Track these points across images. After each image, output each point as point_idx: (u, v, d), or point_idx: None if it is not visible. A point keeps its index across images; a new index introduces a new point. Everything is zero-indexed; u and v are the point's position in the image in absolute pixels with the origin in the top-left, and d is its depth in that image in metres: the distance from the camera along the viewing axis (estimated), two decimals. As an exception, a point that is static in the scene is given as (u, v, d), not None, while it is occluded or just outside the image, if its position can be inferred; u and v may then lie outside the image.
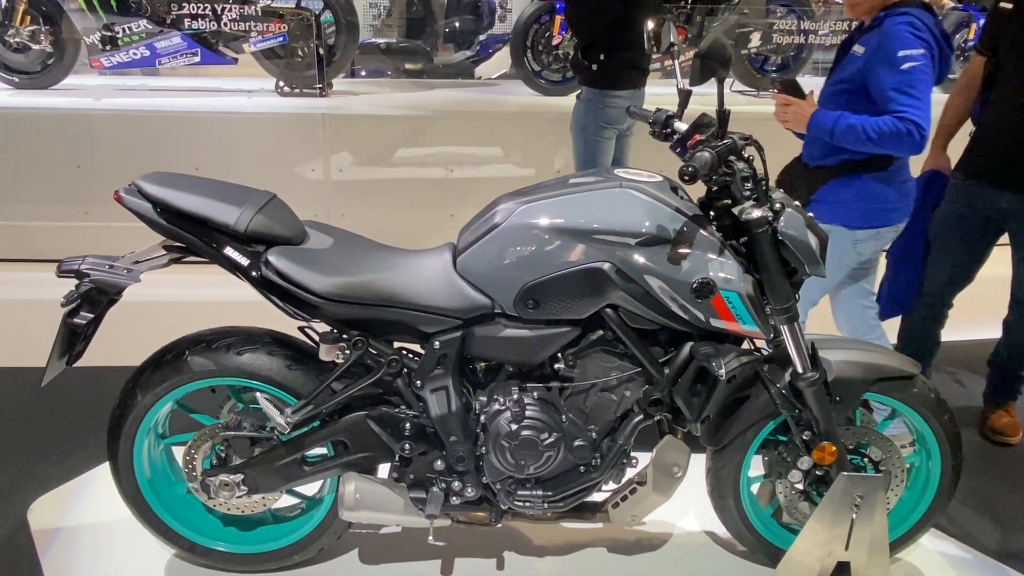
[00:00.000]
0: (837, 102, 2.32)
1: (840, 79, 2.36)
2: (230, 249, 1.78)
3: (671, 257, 1.72)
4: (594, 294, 1.75)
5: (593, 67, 3.48)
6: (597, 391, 1.87)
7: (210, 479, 1.92)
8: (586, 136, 3.62)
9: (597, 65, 3.48)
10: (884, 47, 2.19)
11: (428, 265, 1.85)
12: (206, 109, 4.55)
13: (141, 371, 1.92)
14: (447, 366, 1.84)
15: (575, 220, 1.74)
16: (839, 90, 2.35)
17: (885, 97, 2.18)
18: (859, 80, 2.27)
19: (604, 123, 3.58)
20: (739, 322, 1.76)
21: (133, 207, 1.80)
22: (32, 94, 4.69)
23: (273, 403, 1.84)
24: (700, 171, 1.57)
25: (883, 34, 2.22)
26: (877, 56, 2.21)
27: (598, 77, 3.52)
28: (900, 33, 2.18)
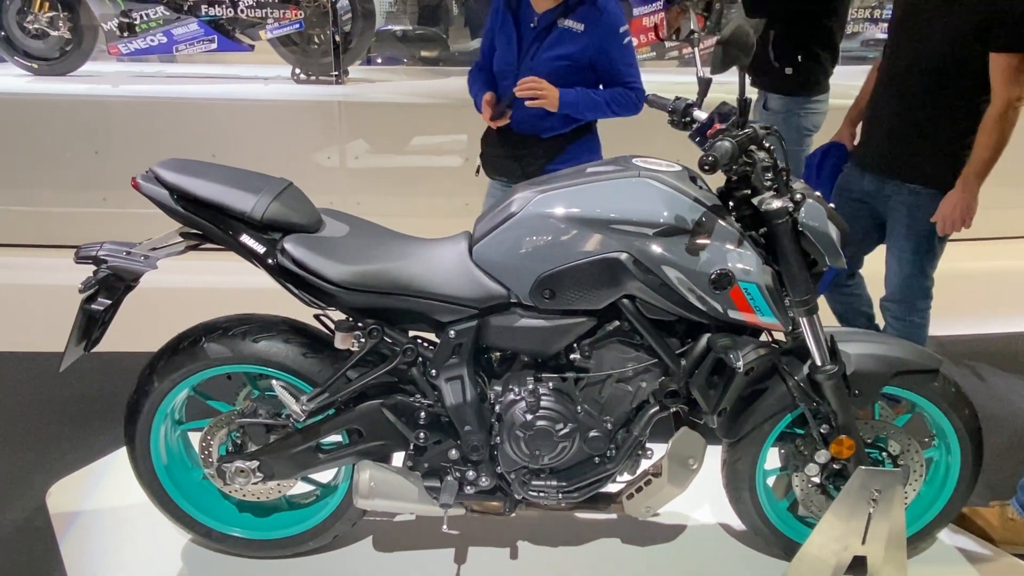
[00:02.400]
0: (561, 76, 2.43)
1: (562, 55, 2.43)
2: (246, 237, 1.78)
3: (689, 248, 1.70)
4: (611, 284, 1.74)
5: (787, 71, 3.07)
6: (613, 382, 1.86)
7: (226, 465, 1.93)
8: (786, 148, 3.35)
9: (793, 68, 3.07)
10: (607, 24, 2.40)
11: (444, 254, 1.84)
12: (223, 96, 4.55)
13: (158, 357, 1.93)
14: (462, 355, 1.84)
15: (592, 210, 1.73)
16: (563, 66, 2.44)
17: (617, 70, 2.45)
18: (586, 55, 2.42)
19: (807, 130, 3.24)
20: (757, 314, 1.74)
21: (150, 194, 1.80)
22: (51, 81, 4.71)
23: (288, 391, 1.84)
24: (720, 160, 1.55)
25: (601, 10, 2.40)
26: (602, 32, 2.40)
27: (795, 82, 3.14)
28: (616, 9, 2.42)
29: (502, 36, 2.53)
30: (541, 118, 2.48)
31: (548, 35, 2.45)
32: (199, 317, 1.99)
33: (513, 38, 2.50)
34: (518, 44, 2.49)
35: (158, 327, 2.12)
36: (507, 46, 2.51)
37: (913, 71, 2.40)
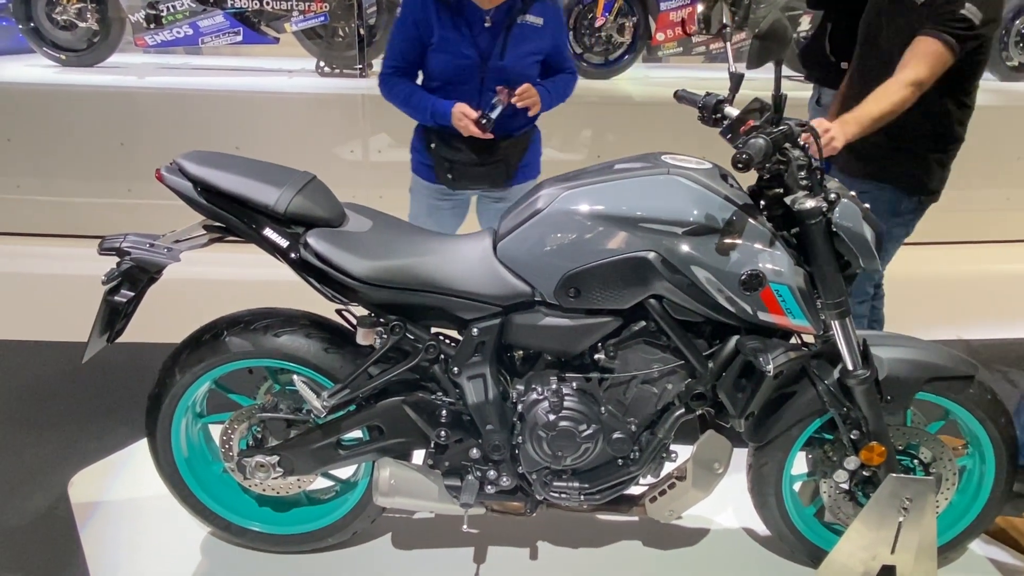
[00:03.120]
0: (530, 72, 2.48)
1: (531, 51, 2.46)
2: (269, 230, 1.76)
3: (719, 248, 1.66)
4: (638, 284, 1.70)
5: (843, 65, 2.83)
6: (638, 383, 1.82)
7: (246, 460, 1.92)
8: None
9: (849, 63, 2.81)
10: (558, 15, 2.50)
11: (468, 250, 1.82)
12: (247, 88, 4.56)
13: (179, 350, 1.93)
14: (485, 354, 1.81)
15: (620, 207, 1.69)
16: (532, 62, 2.48)
17: (563, 58, 2.55)
18: (546, 49, 2.49)
19: None
20: (788, 316, 1.70)
21: (173, 186, 1.79)
22: (78, 72, 4.74)
23: (310, 386, 1.83)
24: (754, 158, 1.50)
25: (552, 3, 2.48)
26: (556, 25, 2.50)
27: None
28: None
29: (448, 38, 2.37)
30: (510, 117, 2.44)
31: (510, 33, 2.40)
32: (222, 309, 1.98)
33: (467, 39, 2.38)
34: (475, 45, 2.39)
35: (182, 318, 2.12)
36: (460, 48, 2.38)
37: (871, 72, 2.34)
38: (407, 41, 2.42)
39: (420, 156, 2.57)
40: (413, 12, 2.39)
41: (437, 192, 2.59)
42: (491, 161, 2.52)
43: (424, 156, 2.54)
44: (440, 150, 2.50)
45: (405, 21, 2.41)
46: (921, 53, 2.15)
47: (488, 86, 2.42)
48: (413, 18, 2.39)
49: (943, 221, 4.38)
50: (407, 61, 2.45)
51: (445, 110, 2.40)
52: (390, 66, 2.46)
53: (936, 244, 4.44)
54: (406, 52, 2.44)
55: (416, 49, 2.42)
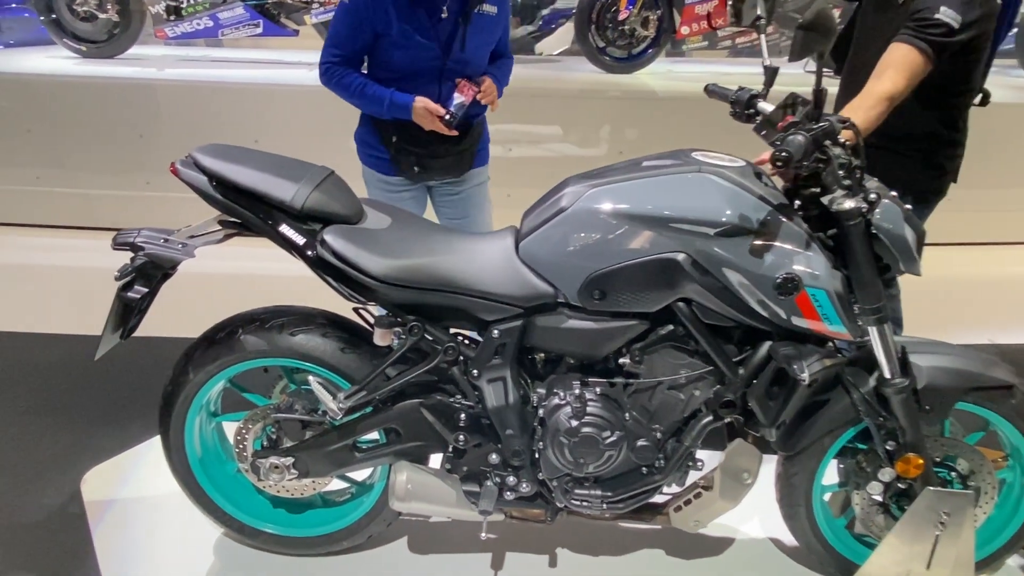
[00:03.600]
0: (486, 61, 2.48)
1: (488, 41, 2.45)
2: (285, 227, 1.71)
3: (753, 250, 1.58)
4: (666, 287, 1.63)
5: None
6: (664, 389, 1.75)
7: (260, 461, 1.87)
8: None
9: None
10: (507, 2, 2.46)
11: (489, 250, 1.76)
12: (266, 81, 4.53)
13: (193, 348, 1.89)
14: (505, 356, 1.75)
15: (648, 206, 1.62)
16: (488, 51, 2.48)
17: (506, 44, 2.55)
18: (499, 36, 2.49)
19: None
20: (824, 322, 1.63)
21: (188, 180, 1.75)
22: (98, 63, 4.73)
23: (325, 387, 1.78)
24: (794, 156, 1.43)
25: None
26: (505, 12, 2.47)
27: None
28: None
29: (407, 29, 2.27)
30: (469, 107, 2.40)
31: (468, 23, 2.33)
32: (240, 303, 1.94)
33: (427, 30, 2.29)
34: (435, 38, 2.31)
35: (202, 313, 2.07)
36: (420, 41, 2.29)
37: (857, 74, 2.22)
38: (356, 29, 2.28)
39: (373, 150, 2.48)
40: (365, 2, 2.25)
41: (396, 184, 2.52)
42: (456, 151, 2.49)
43: (379, 150, 2.45)
44: (402, 144, 2.43)
45: (355, 8, 2.26)
46: (895, 62, 2.03)
47: (448, 78, 2.36)
48: (367, 7, 2.25)
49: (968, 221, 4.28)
50: (354, 51, 2.33)
51: (406, 104, 2.31)
52: (335, 55, 2.31)
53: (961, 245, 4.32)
54: (354, 41, 2.30)
55: (366, 39, 2.29)
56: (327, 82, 2.37)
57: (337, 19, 2.34)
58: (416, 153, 2.43)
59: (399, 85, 2.33)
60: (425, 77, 2.34)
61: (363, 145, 2.51)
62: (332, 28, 2.35)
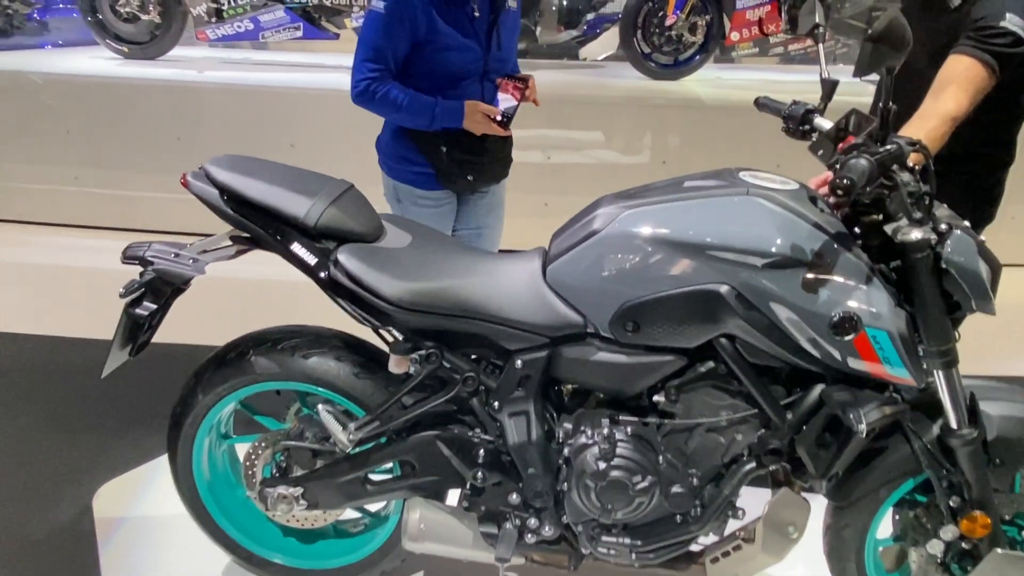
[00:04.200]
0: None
1: (515, 35, 2.38)
2: (298, 245, 1.61)
3: (806, 284, 1.42)
4: (707, 321, 1.48)
5: None
6: (702, 431, 1.60)
7: (268, 490, 1.77)
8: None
9: None
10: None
11: (514, 273, 1.63)
12: (304, 85, 4.48)
13: (203, 368, 1.80)
14: (529, 388, 1.62)
15: (689, 231, 1.48)
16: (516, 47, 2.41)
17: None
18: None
19: None
20: (885, 365, 1.46)
21: (199, 192, 1.66)
22: (139, 64, 4.73)
23: (336, 416, 1.67)
24: (858, 183, 1.27)
25: None
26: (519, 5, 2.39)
27: None
28: None
29: (450, 32, 2.15)
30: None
31: (497, 21, 2.24)
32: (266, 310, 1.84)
33: (468, 31, 2.18)
34: (475, 37, 2.21)
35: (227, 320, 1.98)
36: (464, 42, 2.18)
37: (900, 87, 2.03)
38: (395, 39, 2.13)
39: (412, 164, 2.31)
40: (404, 6, 2.10)
41: (436, 198, 2.38)
42: (503, 155, 2.39)
43: (420, 164, 2.30)
44: (455, 154, 2.29)
45: (394, 18, 2.11)
46: (957, 76, 1.84)
47: (489, 79, 2.26)
48: (406, 15, 2.10)
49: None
50: (395, 63, 2.16)
51: (456, 111, 2.20)
52: (373, 70, 2.13)
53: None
54: (395, 51, 2.14)
55: (405, 49, 2.15)
56: (367, 101, 2.19)
57: (371, 31, 2.16)
58: (469, 161, 2.31)
59: (441, 93, 2.21)
60: (468, 80, 2.24)
61: (398, 161, 2.34)
62: (365, 42, 2.16)
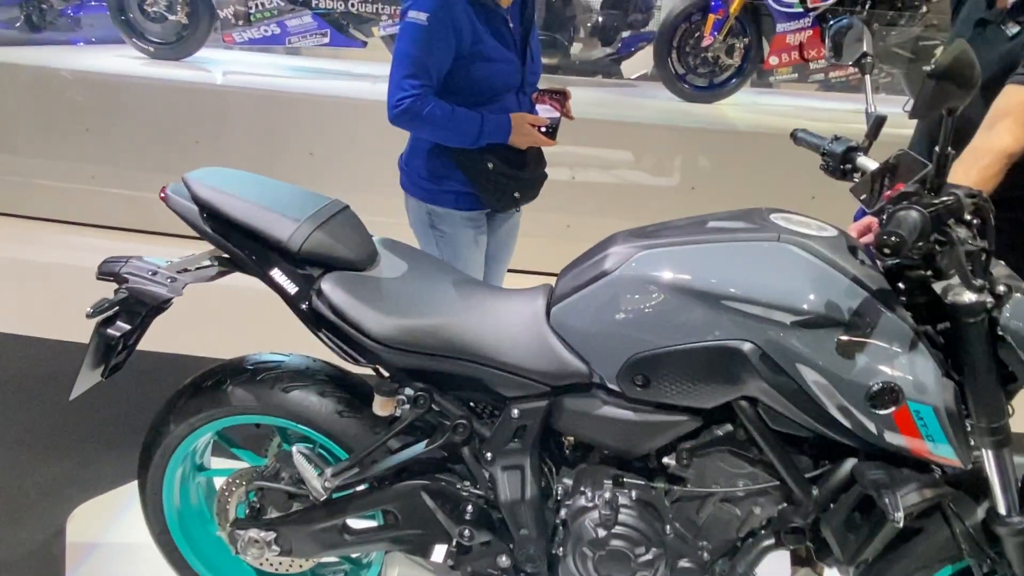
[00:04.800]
0: None
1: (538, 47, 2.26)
2: (278, 271, 1.47)
3: (842, 347, 1.25)
4: (726, 381, 1.32)
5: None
6: (716, 501, 1.43)
7: (239, 532, 1.63)
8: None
9: None
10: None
11: (515, 312, 1.48)
12: (327, 93, 4.38)
13: (177, 396, 1.66)
14: (526, 440, 1.47)
15: (711, 279, 1.32)
16: None
17: None
18: None
19: None
20: (927, 442, 1.28)
21: (177, 208, 1.54)
22: (162, 65, 4.67)
23: (312, 459, 1.52)
24: (908, 240, 1.09)
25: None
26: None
27: None
28: None
29: (491, 43, 2.03)
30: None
31: (529, 31, 2.16)
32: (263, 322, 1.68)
33: (507, 41, 2.08)
34: (514, 48, 2.10)
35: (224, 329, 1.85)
36: (504, 53, 2.07)
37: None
38: (439, 53, 1.97)
39: (449, 182, 2.15)
40: (448, 17, 1.95)
41: (479, 219, 2.24)
42: (541, 169, 2.27)
43: (459, 182, 2.14)
44: (502, 169, 2.14)
45: (438, 29, 1.95)
46: (1013, 109, 1.65)
47: (524, 91, 2.15)
48: (450, 25, 1.95)
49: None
50: (438, 77, 2.00)
51: (503, 124, 2.06)
52: (416, 86, 1.95)
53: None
54: (439, 64, 1.98)
55: (448, 62, 2.00)
56: (408, 121, 2.01)
57: (411, 44, 1.96)
58: (515, 177, 2.17)
59: (481, 108, 2.07)
60: (506, 93, 2.11)
61: (435, 182, 2.16)
62: (405, 57, 1.97)
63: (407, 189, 2.24)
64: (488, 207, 2.21)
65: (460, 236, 2.21)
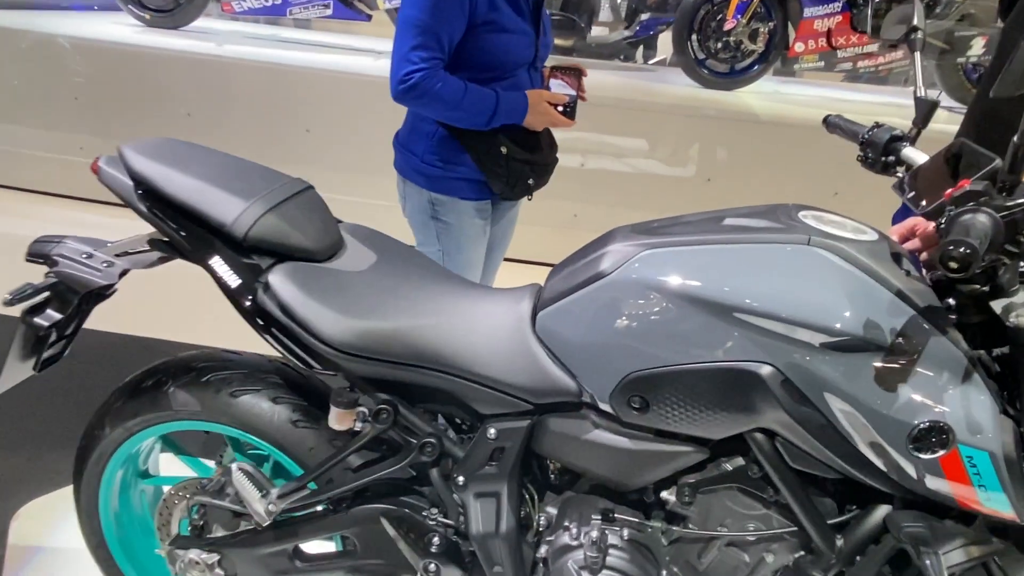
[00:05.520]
0: None
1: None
2: (219, 259, 1.27)
3: (881, 375, 1.04)
4: (739, 410, 1.11)
5: None
6: (722, 545, 1.23)
7: (178, 552, 1.44)
8: None
9: None
10: None
11: (496, 316, 1.27)
12: (327, 67, 4.16)
13: (114, 398, 1.47)
14: (503, 465, 1.27)
15: (724, 287, 1.10)
16: None
17: None
18: None
19: None
20: (978, 491, 1.07)
21: (110, 183, 1.33)
22: (155, 33, 4.47)
23: (255, 478, 1.33)
24: (979, 251, 0.87)
25: None
26: None
27: None
28: None
29: (507, 13, 1.83)
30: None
31: (538, 3, 1.95)
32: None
33: (524, 12, 1.89)
34: (527, 19, 1.91)
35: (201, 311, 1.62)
36: (521, 26, 1.88)
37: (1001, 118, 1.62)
38: (451, 21, 1.75)
39: (457, 167, 1.94)
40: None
41: (486, 208, 2.03)
42: (553, 153, 2.07)
43: (468, 167, 1.93)
44: (516, 153, 1.93)
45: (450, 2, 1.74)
46: None
47: (536, 68, 1.97)
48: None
49: None
50: (450, 48, 1.79)
51: (519, 103, 1.86)
52: (425, 58, 1.73)
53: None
54: (451, 35, 1.77)
55: (460, 32, 1.78)
56: (416, 98, 1.78)
57: (419, 11, 1.74)
58: (530, 162, 1.97)
59: (493, 85, 1.87)
60: (518, 69, 1.92)
61: (441, 167, 1.94)
62: (412, 26, 1.75)
63: (405, 175, 2.02)
64: (500, 195, 2.01)
65: (466, 228, 2.00)
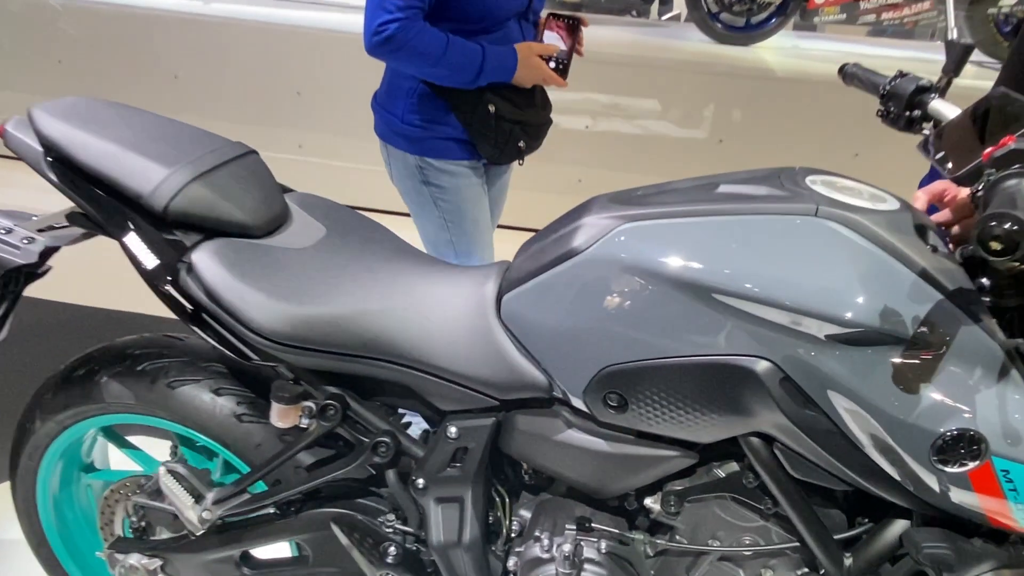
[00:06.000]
0: None
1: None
2: (135, 236, 1.11)
3: (900, 373, 0.87)
4: (731, 411, 0.94)
5: None
6: (713, 560, 1.08)
7: (118, 556, 1.31)
8: None
9: None
10: None
11: (456, 299, 1.11)
12: (321, 26, 3.96)
13: (45, 389, 1.34)
14: (467, 467, 1.11)
15: (716, 268, 0.93)
16: None
17: None
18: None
19: None
20: (1012, 505, 0.90)
21: (18, 148, 1.17)
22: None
23: (187, 483, 1.19)
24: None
25: None
26: None
27: None
28: None
29: None
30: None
31: None
32: None
33: None
34: None
35: None
36: None
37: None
38: None
39: (441, 127, 1.77)
40: None
41: (476, 167, 1.85)
42: (546, 113, 1.89)
43: (453, 127, 1.76)
44: (505, 112, 1.76)
45: None
46: None
47: (527, 20, 1.79)
48: None
49: None
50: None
51: (508, 58, 1.68)
52: (406, 6, 1.56)
53: None
54: None
55: None
56: (391, 51, 1.62)
57: None
58: (521, 123, 1.81)
59: (479, 38, 1.70)
60: (507, 23, 1.74)
61: (424, 127, 1.78)
62: None
63: (386, 138, 1.84)
64: (489, 159, 1.83)
65: (464, 189, 1.83)
